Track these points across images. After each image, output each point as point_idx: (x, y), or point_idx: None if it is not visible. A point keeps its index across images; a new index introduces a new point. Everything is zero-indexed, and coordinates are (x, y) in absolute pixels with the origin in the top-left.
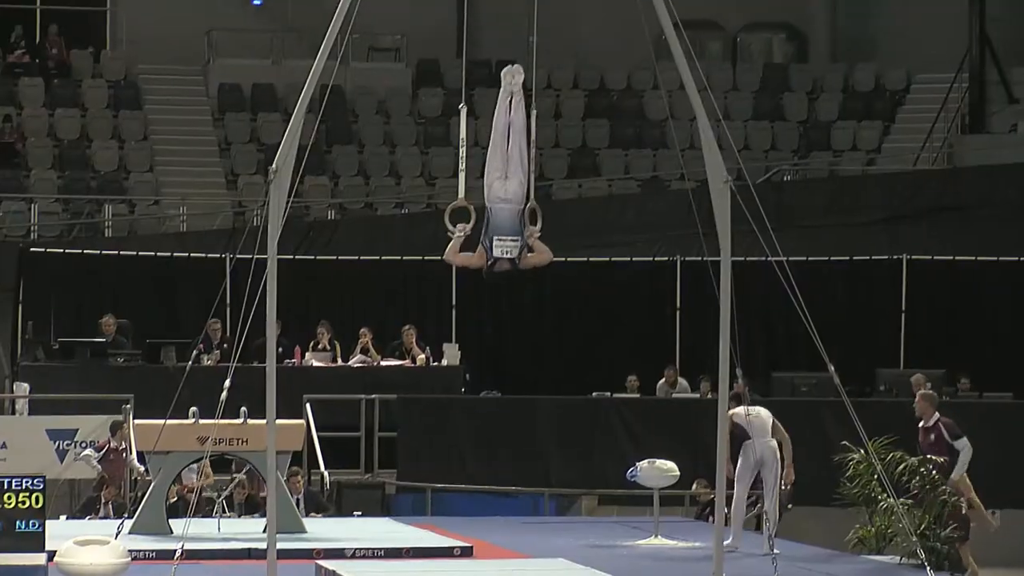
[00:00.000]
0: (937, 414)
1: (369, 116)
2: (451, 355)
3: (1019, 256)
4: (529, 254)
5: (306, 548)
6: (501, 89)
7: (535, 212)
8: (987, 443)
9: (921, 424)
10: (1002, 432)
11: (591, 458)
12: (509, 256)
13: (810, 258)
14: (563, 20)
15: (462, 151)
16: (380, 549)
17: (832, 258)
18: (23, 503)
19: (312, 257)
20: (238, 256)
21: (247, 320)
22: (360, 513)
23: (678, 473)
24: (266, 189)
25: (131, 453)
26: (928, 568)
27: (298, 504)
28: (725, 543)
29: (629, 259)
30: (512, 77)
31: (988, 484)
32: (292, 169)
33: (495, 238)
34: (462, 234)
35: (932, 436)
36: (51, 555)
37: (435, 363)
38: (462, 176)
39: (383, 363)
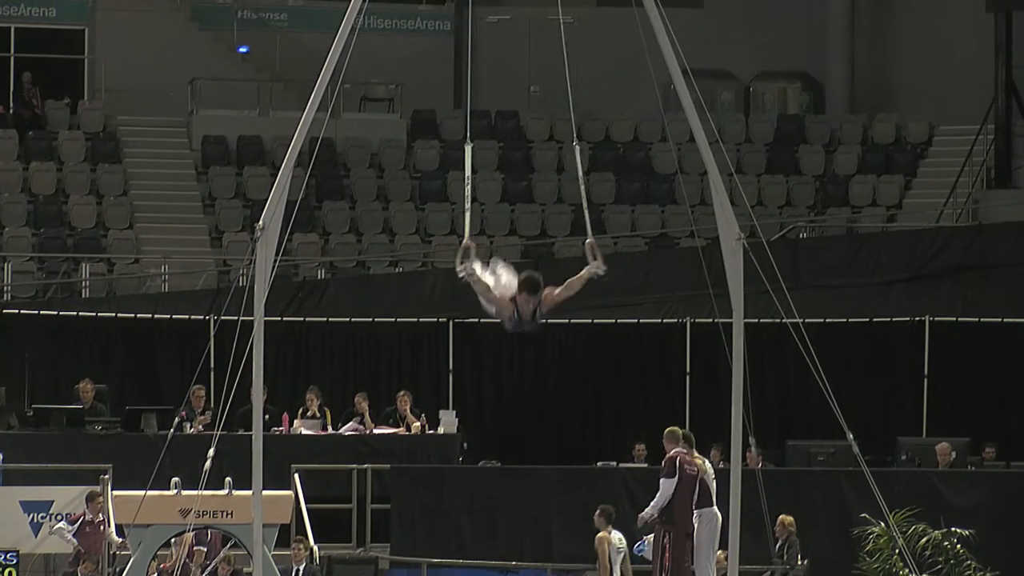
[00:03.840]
0: (675, 450)
1: (361, 170)
2: (448, 422)
3: None
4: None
5: None
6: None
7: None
8: (1015, 515)
9: None
10: None
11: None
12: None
13: (827, 320)
14: (566, 68)
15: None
16: None
17: (851, 320)
18: None
19: (301, 319)
20: (223, 318)
21: (232, 385)
22: None
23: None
24: (252, 247)
25: (109, 526)
26: None
27: (297, 575)
28: None
29: (636, 321)
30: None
31: (1015, 558)
32: (280, 226)
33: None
34: (468, 271)
35: None
36: None
37: (431, 431)
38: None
39: (376, 431)
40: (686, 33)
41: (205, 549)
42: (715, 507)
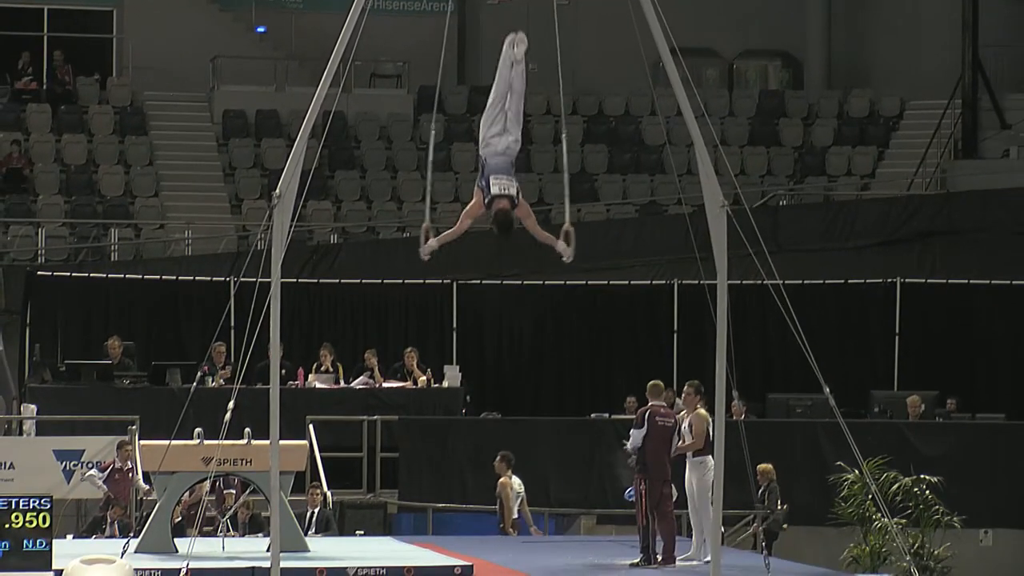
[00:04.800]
0: (653, 403)
1: (371, 142)
2: (452, 377)
3: (1011, 279)
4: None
5: (309, 567)
6: (503, 55)
7: (569, 235)
8: (979, 463)
9: None
10: (994, 453)
11: (590, 478)
12: (507, 193)
13: (805, 281)
14: (562, 47)
15: (429, 175)
16: (382, 568)
17: (827, 281)
18: (30, 522)
19: (315, 281)
20: (242, 280)
21: (251, 343)
22: (362, 532)
23: (676, 494)
24: (270, 213)
25: (137, 473)
26: None
27: (312, 518)
28: (686, 555)
29: (627, 283)
30: (515, 47)
31: (980, 503)
32: (295, 194)
33: (491, 177)
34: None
35: None
36: (58, 574)
37: (436, 384)
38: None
39: (385, 384)
40: (674, 13)
41: (233, 492)
42: (710, 456)
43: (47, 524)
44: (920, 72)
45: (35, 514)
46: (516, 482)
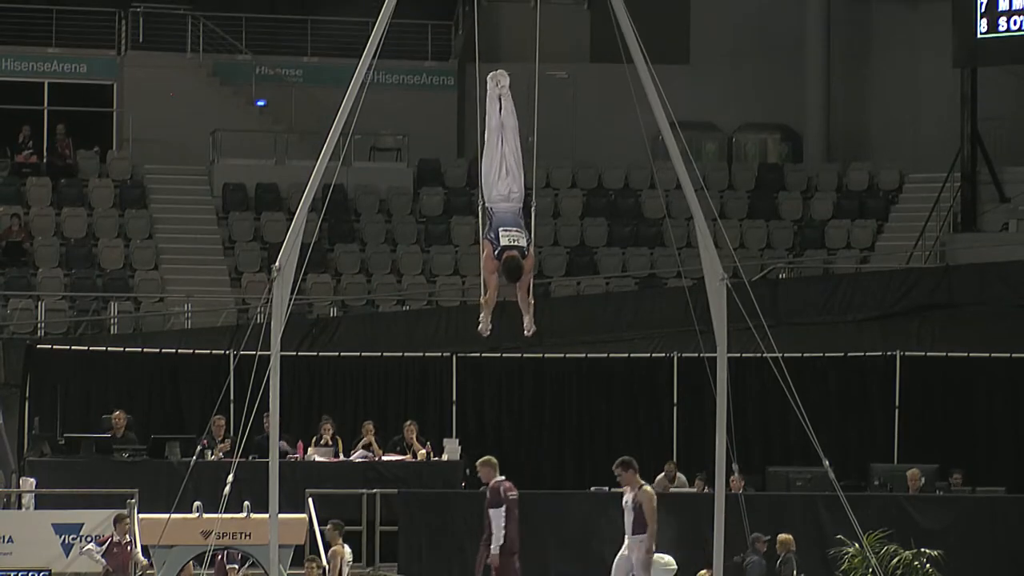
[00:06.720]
0: (496, 479)
1: (371, 215)
2: (451, 450)
3: (1011, 352)
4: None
5: None
6: (488, 92)
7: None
8: (980, 537)
9: None
10: (995, 527)
11: (590, 552)
12: (517, 244)
13: (805, 354)
14: (562, 120)
15: None
16: None
17: (827, 354)
18: None
19: (315, 354)
20: (242, 353)
21: (250, 416)
22: None
23: (675, 567)
24: (269, 287)
25: (136, 547)
26: None
27: None
28: None
29: (627, 355)
30: (497, 82)
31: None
32: (295, 267)
33: (500, 230)
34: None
35: None
36: None
37: (436, 458)
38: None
39: (384, 458)
40: (673, 87)
41: (237, 567)
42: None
43: None
44: (919, 145)
45: None
46: (347, 551)
